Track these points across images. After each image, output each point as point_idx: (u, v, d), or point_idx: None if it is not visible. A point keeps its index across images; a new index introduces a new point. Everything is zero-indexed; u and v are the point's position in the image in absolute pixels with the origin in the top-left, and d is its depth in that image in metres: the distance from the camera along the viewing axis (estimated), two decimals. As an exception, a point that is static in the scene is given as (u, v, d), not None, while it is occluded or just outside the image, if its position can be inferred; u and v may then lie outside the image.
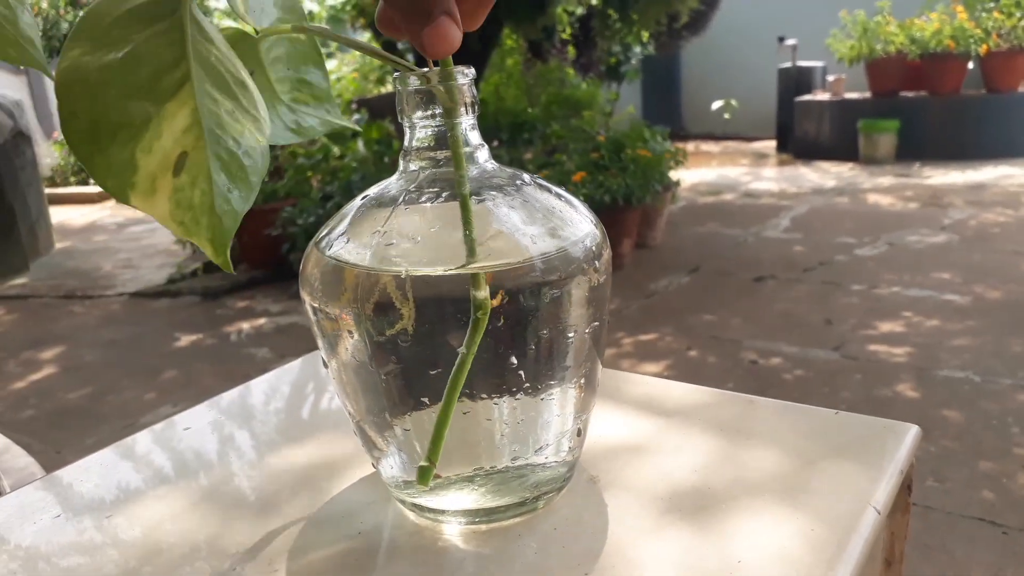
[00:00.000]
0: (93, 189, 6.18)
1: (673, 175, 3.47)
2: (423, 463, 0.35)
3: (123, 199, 0.25)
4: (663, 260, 3.34)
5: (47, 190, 5.25)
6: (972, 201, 4.08)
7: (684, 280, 3.07)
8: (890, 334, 2.38)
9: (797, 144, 5.91)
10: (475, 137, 0.34)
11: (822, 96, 5.96)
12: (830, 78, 5.96)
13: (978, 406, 1.90)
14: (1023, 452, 1.68)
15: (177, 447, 0.47)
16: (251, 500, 0.40)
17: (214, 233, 0.25)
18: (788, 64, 6.26)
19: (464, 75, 0.33)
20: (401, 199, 0.34)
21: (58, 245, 4.39)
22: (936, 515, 1.49)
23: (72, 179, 6.41)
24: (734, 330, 2.51)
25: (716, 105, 6.85)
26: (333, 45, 6.41)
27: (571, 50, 5.16)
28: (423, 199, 0.33)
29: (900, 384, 2.05)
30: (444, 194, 0.33)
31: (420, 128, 0.34)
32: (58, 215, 5.24)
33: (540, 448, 0.35)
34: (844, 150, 5.54)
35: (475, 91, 0.34)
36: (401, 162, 0.35)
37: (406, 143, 0.35)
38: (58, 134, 6.58)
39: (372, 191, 0.35)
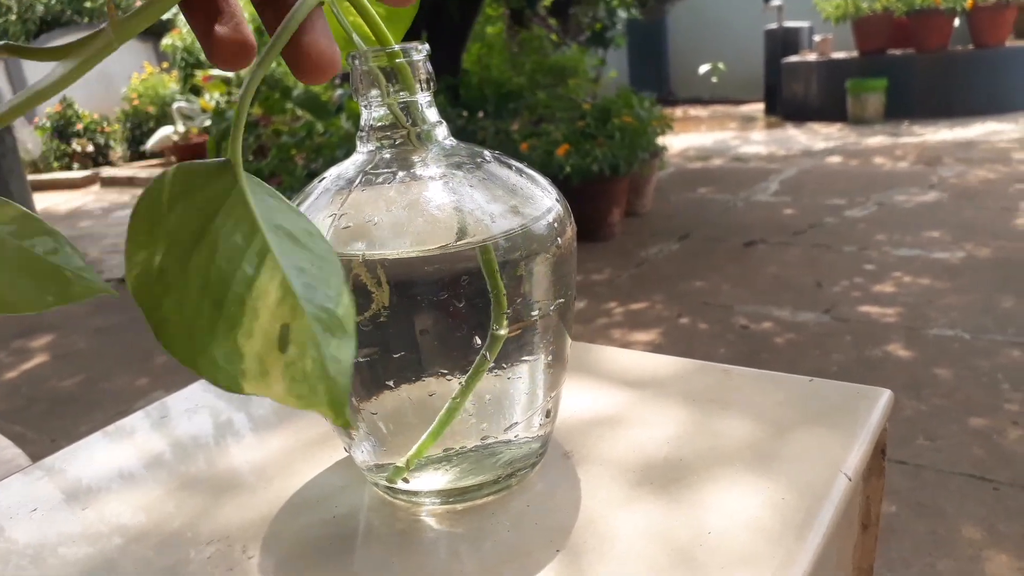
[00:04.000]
0: (77, 174, 6.13)
1: (661, 141, 3.46)
2: (399, 464, 0.34)
3: (237, 390, 0.24)
4: (653, 227, 3.34)
5: (30, 176, 5.21)
6: (961, 158, 4.08)
7: (674, 247, 3.06)
8: (880, 294, 2.39)
9: (785, 106, 5.88)
10: (433, 114, 0.34)
11: (809, 57, 5.92)
12: (817, 38, 5.92)
13: (968, 363, 1.91)
14: (1013, 408, 1.69)
15: (159, 432, 0.46)
16: (227, 486, 0.40)
17: (331, 397, 0.23)
18: (774, 25, 6.21)
19: (418, 51, 0.32)
20: (358, 180, 0.33)
21: (44, 232, 4.36)
22: (927, 473, 1.50)
23: (55, 164, 6.35)
24: (725, 296, 2.51)
25: (703, 69, 6.81)
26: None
27: (552, 19, 5.11)
28: (380, 179, 0.33)
29: (891, 344, 2.06)
30: (400, 173, 0.33)
31: (375, 107, 0.33)
32: (42, 201, 5.21)
33: (510, 426, 0.35)
34: (833, 110, 5.52)
35: (430, 68, 0.33)
36: (359, 142, 0.34)
37: (362, 122, 0.34)
38: (39, 119, 6.51)
39: (330, 173, 0.35)
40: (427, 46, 0.33)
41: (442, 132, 0.34)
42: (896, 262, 2.65)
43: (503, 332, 0.32)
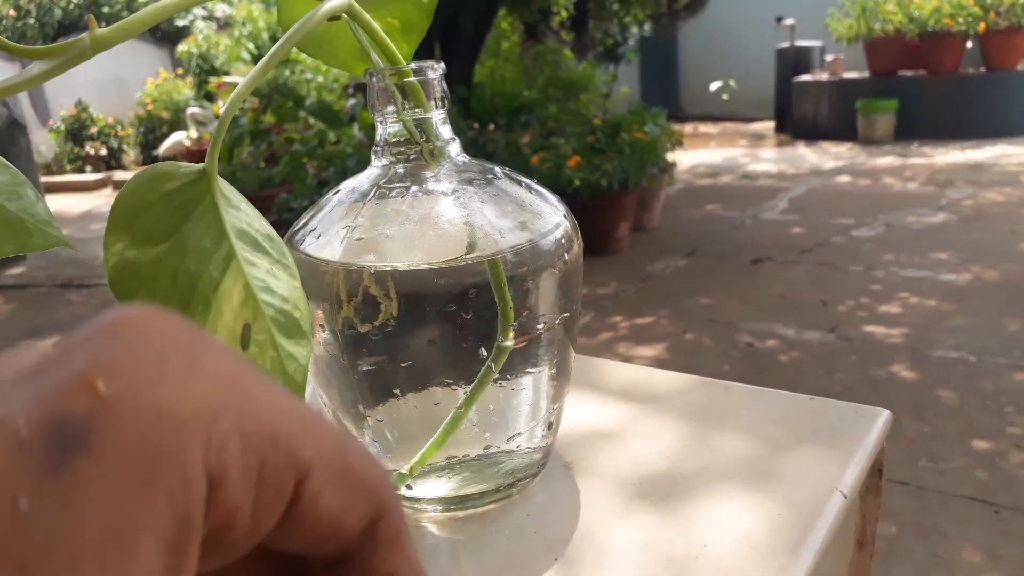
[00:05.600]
0: (89, 177, 6.17)
1: (670, 157, 3.47)
2: (402, 471, 0.35)
3: None
4: (660, 243, 3.35)
5: (43, 178, 5.25)
6: (971, 181, 4.08)
7: (681, 263, 3.07)
8: (886, 315, 2.39)
9: (796, 125, 5.90)
10: (446, 131, 0.35)
11: (821, 76, 5.94)
12: (828, 58, 5.94)
13: (973, 386, 1.91)
14: (1017, 431, 1.69)
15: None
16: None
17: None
18: (786, 44, 6.23)
19: (433, 70, 0.33)
20: (372, 193, 0.34)
21: (55, 234, 4.38)
22: (929, 495, 1.50)
23: (68, 167, 6.40)
24: (730, 313, 2.51)
25: (714, 86, 6.83)
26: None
27: (565, 34, 5.14)
28: (394, 193, 0.34)
29: (895, 365, 2.06)
30: (414, 188, 0.34)
31: (391, 123, 0.34)
32: (54, 204, 5.24)
33: (513, 436, 0.36)
34: (843, 130, 5.53)
35: (445, 86, 0.34)
36: (373, 157, 0.35)
37: (378, 137, 0.35)
38: (53, 122, 6.57)
39: (344, 185, 0.36)
40: (443, 65, 0.34)
41: (455, 148, 0.35)
42: (903, 283, 2.65)
43: (509, 343, 0.33)
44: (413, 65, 0.33)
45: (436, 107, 0.34)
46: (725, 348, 2.25)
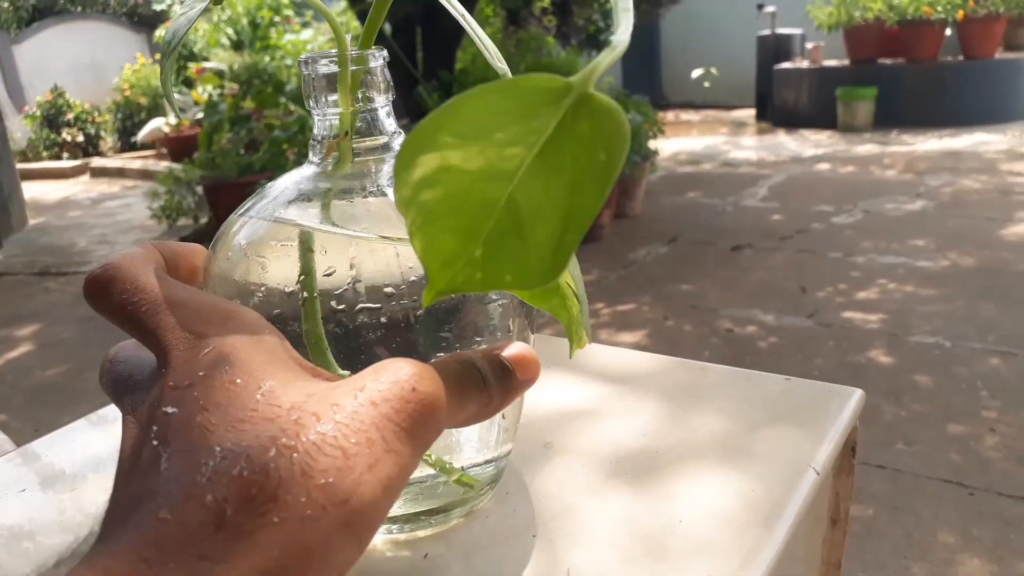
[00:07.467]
0: (66, 164, 6.10)
1: (652, 144, 3.47)
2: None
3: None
4: (642, 230, 3.36)
5: (19, 165, 5.18)
6: (948, 168, 4.12)
7: (662, 250, 3.08)
8: (864, 301, 2.41)
9: (776, 112, 5.92)
10: (391, 124, 0.32)
11: (801, 64, 5.96)
12: (809, 45, 5.96)
13: (948, 370, 1.93)
14: (991, 415, 1.72)
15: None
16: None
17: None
18: (767, 31, 6.24)
19: (375, 58, 0.30)
20: (298, 196, 0.31)
21: (32, 221, 4.34)
22: (905, 477, 1.52)
23: (44, 153, 6.32)
24: (711, 299, 2.53)
25: (696, 73, 6.83)
26: (308, 13, 6.32)
27: (548, 20, 5.12)
28: (329, 194, 0.31)
29: (873, 350, 2.08)
30: (352, 189, 0.31)
31: (331, 116, 0.31)
32: (31, 191, 5.17)
33: (468, 454, 0.33)
34: (823, 118, 5.56)
35: (388, 74, 0.31)
36: (311, 152, 0.32)
37: (315, 131, 0.32)
38: (28, 108, 6.47)
39: (277, 184, 0.32)
40: (385, 52, 0.31)
41: (399, 143, 0.32)
42: (881, 269, 2.68)
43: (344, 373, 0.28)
44: (354, 52, 0.30)
45: (379, 98, 0.31)
46: (706, 334, 2.27)
